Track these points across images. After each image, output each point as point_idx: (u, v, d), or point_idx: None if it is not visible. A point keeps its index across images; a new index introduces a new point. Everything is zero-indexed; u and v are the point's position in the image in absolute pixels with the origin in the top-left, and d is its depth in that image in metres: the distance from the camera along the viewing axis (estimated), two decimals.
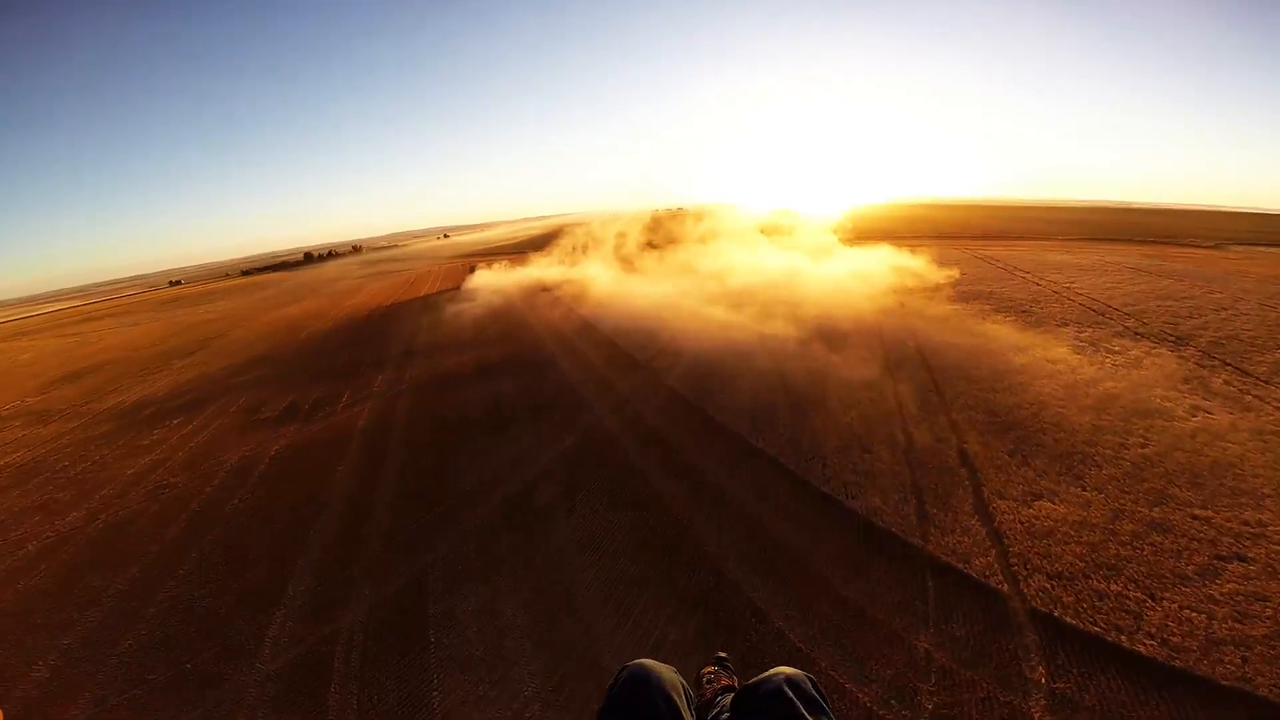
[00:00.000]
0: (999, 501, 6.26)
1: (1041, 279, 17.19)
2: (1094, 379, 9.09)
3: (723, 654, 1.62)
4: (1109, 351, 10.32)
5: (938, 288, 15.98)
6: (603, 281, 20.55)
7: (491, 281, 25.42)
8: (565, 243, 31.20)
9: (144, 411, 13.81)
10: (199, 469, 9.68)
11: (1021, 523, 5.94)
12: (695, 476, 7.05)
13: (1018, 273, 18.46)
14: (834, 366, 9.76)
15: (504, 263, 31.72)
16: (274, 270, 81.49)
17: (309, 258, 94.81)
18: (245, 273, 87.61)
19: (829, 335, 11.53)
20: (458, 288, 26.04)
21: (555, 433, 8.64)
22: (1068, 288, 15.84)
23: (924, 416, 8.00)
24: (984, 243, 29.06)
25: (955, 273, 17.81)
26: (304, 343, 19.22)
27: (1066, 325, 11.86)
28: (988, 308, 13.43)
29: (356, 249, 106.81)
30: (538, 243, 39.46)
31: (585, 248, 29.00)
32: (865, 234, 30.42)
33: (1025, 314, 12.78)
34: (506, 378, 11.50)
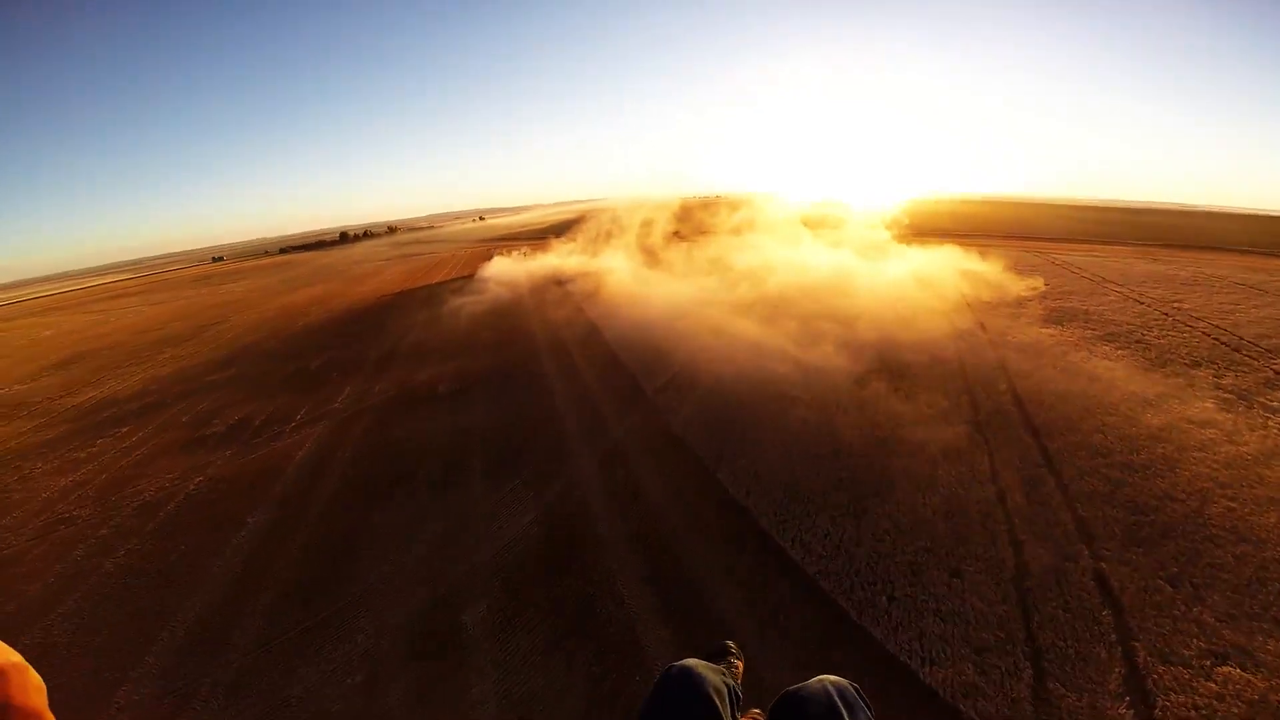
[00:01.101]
0: (1162, 669, 3.92)
1: (1141, 294, 14.30)
2: (1263, 454, 6.53)
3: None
4: (1267, 409, 7.68)
5: (1021, 303, 13.22)
6: (621, 276, 18.30)
7: (505, 270, 23.46)
8: (590, 228, 29.06)
9: (104, 413, 12.43)
10: (109, 500, 8.09)
11: (1199, 709, 3.63)
12: (693, 599, 4.83)
13: (1108, 285, 15.55)
14: (903, 421, 7.27)
15: (525, 249, 29.77)
16: (309, 249, 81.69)
17: (344, 237, 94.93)
18: (283, 250, 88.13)
19: (893, 369, 8.98)
20: (471, 276, 24.20)
21: (516, 500, 6.52)
22: (1176, 308, 12.98)
23: (1037, 512, 5.60)
24: (1056, 245, 25.80)
25: (1038, 283, 14.96)
26: (295, 336, 17.67)
27: (1199, 366, 9.17)
28: (1090, 334, 10.72)
29: (392, 230, 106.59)
30: (567, 228, 37.40)
31: (609, 235, 26.75)
32: (920, 231, 27.44)
33: (1140, 345, 10.09)
34: (482, 402, 9.44)
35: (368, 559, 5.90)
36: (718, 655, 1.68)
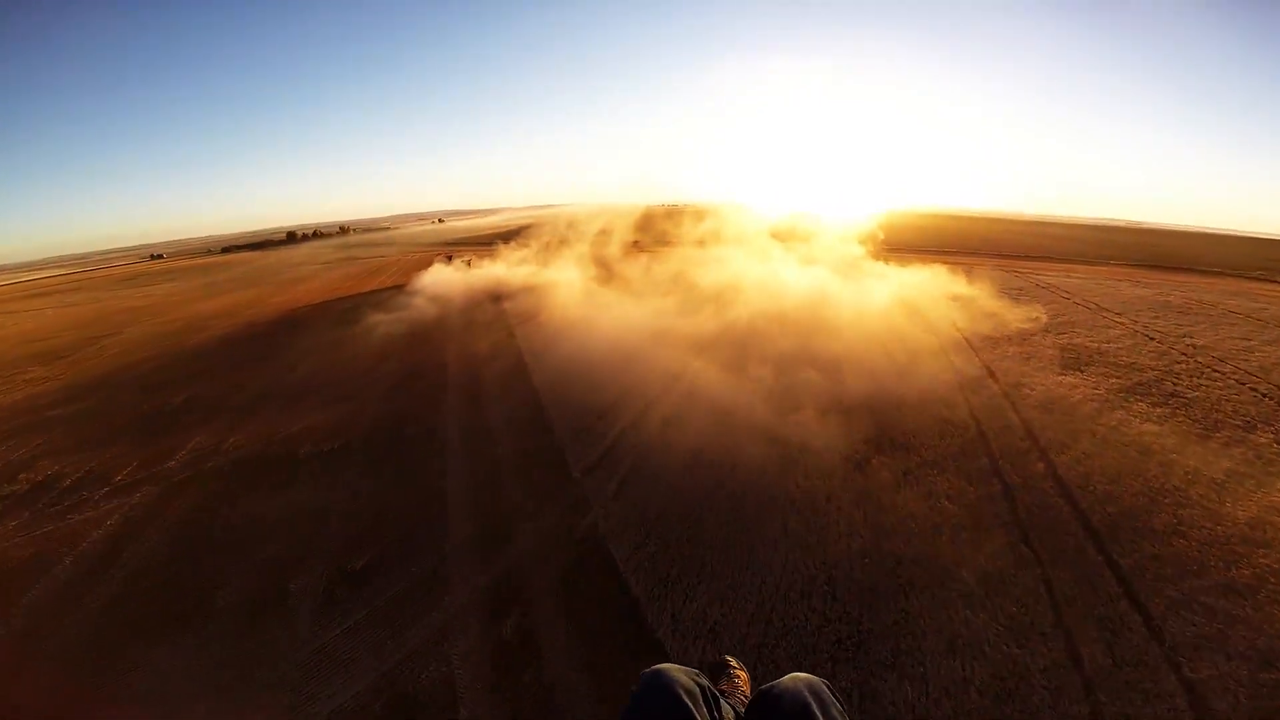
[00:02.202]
0: None
1: (1147, 327, 12.81)
2: None
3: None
4: None
5: (1024, 338, 11.40)
6: (568, 293, 16.00)
7: (442, 281, 20.94)
8: (545, 235, 26.75)
9: None
10: None
11: None
12: None
13: (1107, 314, 14.06)
14: (920, 528, 5.12)
15: (469, 259, 27.20)
16: (253, 249, 77.00)
17: (291, 237, 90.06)
18: (224, 250, 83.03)
19: (896, 440, 6.76)
20: (403, 286, 21.61)
21: (350, 649, 4.24)
22: (1192, 345, 11.46)
23: (1130, 678, 3.59)
24: (1032, 264, 24.74)
25: (1037, 313, 13.26)
26: (178, 358, 14.96)
27: (1254, 429, 7.46)
28: (1117, 384, 8.89)
29: (343, 230, 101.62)
30: (520, 233, 35.11)
31: (563, 243, 24.45)
32: (894, 246, 26.00)
33: (1178, 401, 8.34)
34: (352, 474, 7.00)
35: None
36: (716, 671, 1.60)
